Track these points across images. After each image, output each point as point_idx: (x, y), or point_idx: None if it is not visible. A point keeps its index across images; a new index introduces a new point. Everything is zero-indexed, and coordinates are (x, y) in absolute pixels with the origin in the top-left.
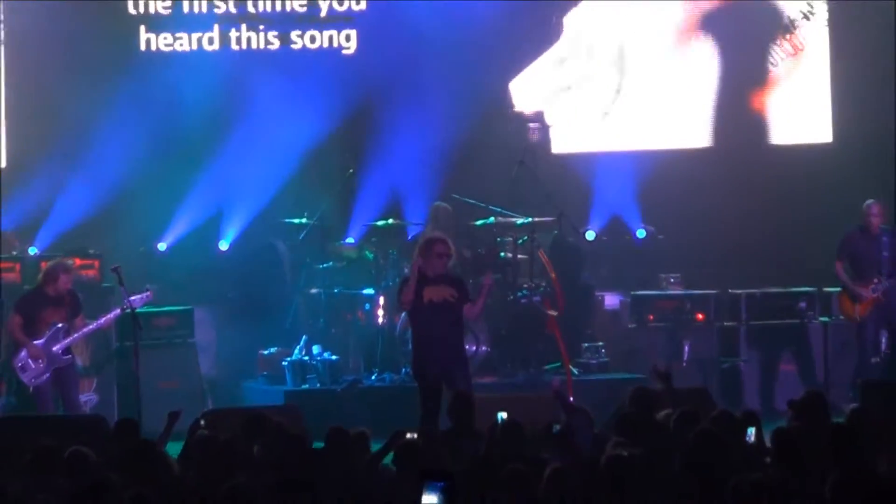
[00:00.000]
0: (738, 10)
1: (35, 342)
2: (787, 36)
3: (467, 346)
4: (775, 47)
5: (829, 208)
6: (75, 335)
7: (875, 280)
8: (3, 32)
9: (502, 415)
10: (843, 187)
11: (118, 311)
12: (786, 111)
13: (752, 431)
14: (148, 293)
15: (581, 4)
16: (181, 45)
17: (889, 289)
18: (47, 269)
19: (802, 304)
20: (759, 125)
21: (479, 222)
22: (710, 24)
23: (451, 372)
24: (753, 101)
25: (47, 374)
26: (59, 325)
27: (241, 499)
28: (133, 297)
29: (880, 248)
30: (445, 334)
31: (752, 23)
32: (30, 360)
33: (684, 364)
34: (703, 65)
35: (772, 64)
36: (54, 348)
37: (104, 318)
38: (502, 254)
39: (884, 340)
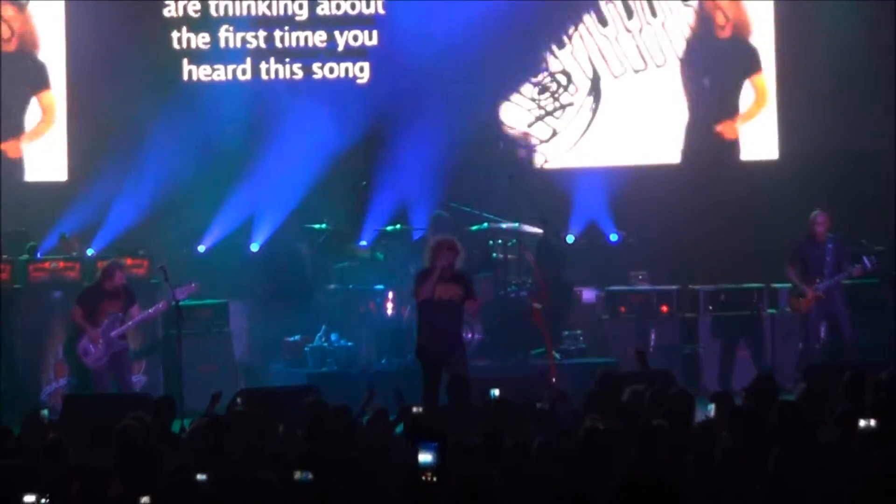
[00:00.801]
0: (710, 42)
1: (95, 329)
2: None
3: (464, 334)
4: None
5: (775, 215)
6: (129, 323)
7: (817, 280)
8: (66, 66)
9: (495, 391)
10: (787, 198)
11: (164, 303)
12: (740, 132)
13: (711, 408)
14: (193, 285)
15: (562, 39)
16: (218, 75)
17: (829, 287)
18: (104, 267)
19: (754, 298)
20: (717, 145)
21: (473, 227)
22: (681, 54)
23: (450, 356)
24: (716, 125)
25: (106, 358)
26: (117, 314)
27: (281, 464)
28: (179, 289)
29: (825, 254)
30: (447, 325)
31: (721, 54)
32: (91, 346)
33: (651, 350)
34: (672, 90)
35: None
36: (112, 334)
37: (153, 309)
38: (494, 255)
39: (823, 329)
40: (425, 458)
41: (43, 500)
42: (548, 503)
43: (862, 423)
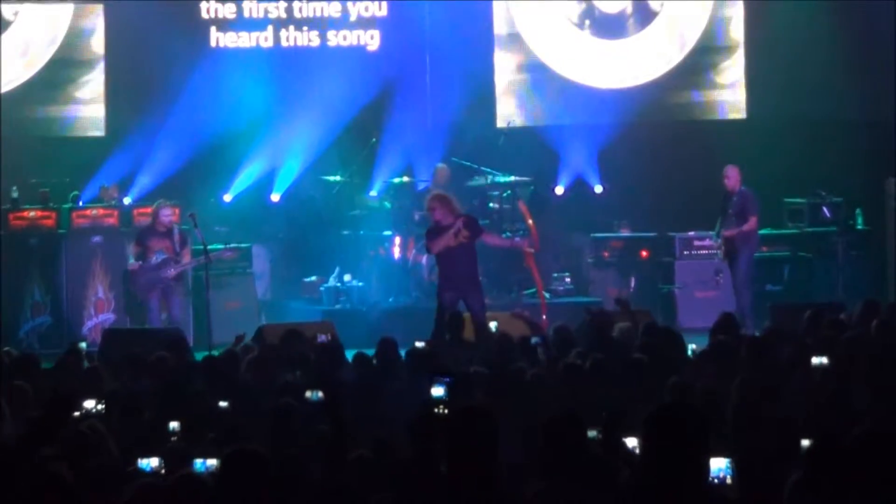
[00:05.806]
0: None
1: (137, 263)
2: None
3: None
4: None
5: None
6: (185, 265)
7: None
8: (105, 33)
9: (494, 324)
10: (753, 155)
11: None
12: (712, 94)
13: (693, 346)
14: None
15: None
16: (243, 42)
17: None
18: (152, 209)
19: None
20: (689, 105)
21: (472, 180)
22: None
23: (467, 296)
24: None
25: (156, 291)
26: (166, 256)
27: (292, 390)
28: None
29: (728, 205)
30: (463, 264)
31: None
32: (139, 278)
33: (631, 290)
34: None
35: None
36: (163, 274)
37: (194, 260)
38: (490, 205)
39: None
40: (437, 392)
41: (99, 406)
42: (541, 423)
43: (815, 360)
